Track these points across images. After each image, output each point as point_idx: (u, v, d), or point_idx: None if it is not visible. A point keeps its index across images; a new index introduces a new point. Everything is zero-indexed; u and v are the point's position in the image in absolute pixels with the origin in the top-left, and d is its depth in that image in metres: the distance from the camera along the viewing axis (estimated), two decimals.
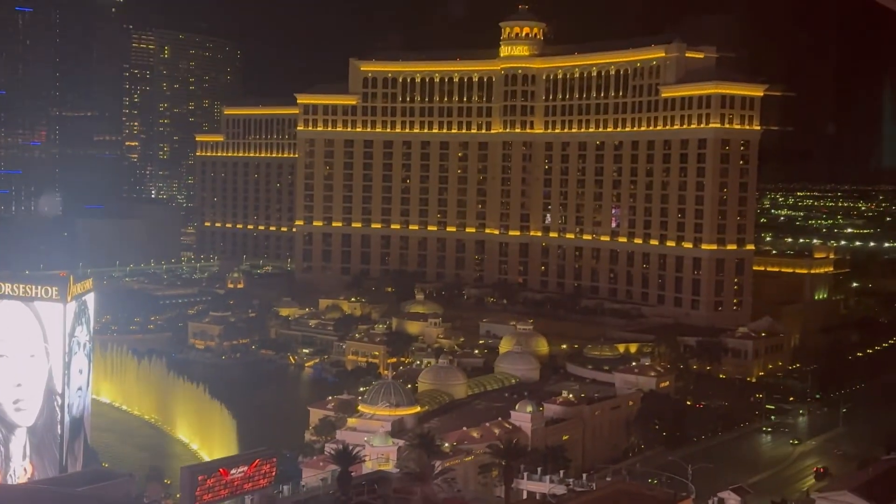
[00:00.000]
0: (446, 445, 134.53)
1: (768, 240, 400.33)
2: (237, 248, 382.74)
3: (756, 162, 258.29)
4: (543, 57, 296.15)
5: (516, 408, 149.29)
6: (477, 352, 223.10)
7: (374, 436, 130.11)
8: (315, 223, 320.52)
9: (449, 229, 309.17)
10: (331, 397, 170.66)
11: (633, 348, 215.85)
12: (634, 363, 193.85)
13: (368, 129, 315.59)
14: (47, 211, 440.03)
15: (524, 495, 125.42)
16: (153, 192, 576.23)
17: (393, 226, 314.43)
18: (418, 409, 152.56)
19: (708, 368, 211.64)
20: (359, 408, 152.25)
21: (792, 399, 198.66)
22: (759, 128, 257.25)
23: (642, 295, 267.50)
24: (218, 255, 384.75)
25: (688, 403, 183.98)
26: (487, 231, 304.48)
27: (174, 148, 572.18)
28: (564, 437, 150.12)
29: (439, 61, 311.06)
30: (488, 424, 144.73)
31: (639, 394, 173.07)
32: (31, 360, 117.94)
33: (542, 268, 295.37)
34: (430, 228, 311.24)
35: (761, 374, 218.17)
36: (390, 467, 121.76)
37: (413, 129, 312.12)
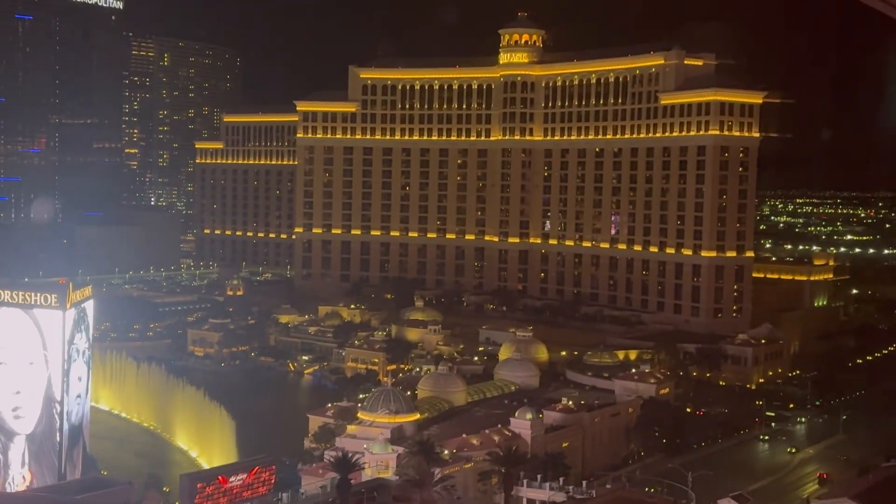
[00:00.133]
0: (446, 452, 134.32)
1: (768, 247, 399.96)
2: (236, 255, 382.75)
3: (755, 169, 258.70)
4: (543, 64, 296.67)
5: (516, 415, 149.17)
6: (476, 359, 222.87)
7: (374, 443, 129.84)
8: (314, 230, 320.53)
9: (448, 236, 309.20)
10: (330, 404, 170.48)
11: (632, 355, 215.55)
12: (634, 370, 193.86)
13: (368, 137, 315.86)
14: (46, 218, 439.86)
15: (524, 503, 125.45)
16: (153, 199, 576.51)
17: (392, 233, 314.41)
18: (418, 416, 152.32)
19: (708, 375, 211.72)
20: (358, 415, 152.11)
21: (792, 406, 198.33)
22: (758, 135, 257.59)
23: (642, 302, 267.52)
24: (217, 263, 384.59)
25: (687, 410, 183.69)
26: (487, 238, 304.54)
27: (174, 155, 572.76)
28: (564, 445, 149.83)
29: (438, 68, 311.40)
30: (488, 431, 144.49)
31: (638, 401, 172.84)
32: (30, 368, 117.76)
33: (542, 275, 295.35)
34: (429, 235, 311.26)
35: (761, 381, 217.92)
36: (390, 475, 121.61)
37: (412, 136, 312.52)
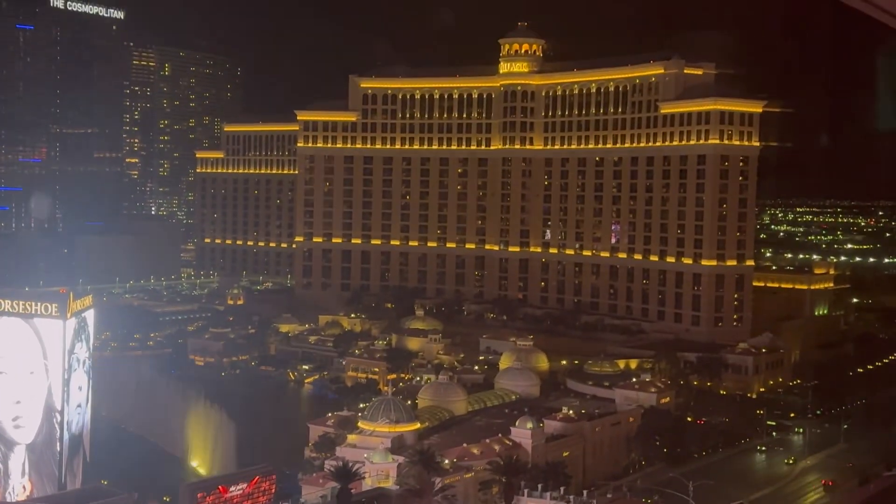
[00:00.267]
0: (446, 462, 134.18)
1: (768, 255, 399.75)
2: (237, 264, 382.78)
3: (755, 178, 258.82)
4: (542, 73, 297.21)
5: (516, 424, 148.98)
6: (477, 368, 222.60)
7: (374, 452, 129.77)
8: (315, 239, 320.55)
9: (449, 245, 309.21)
10: (330, 414, 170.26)
11: (633, 364, 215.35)
12: (635, 379, 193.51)
13: (368, 146, 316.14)
14: (47, 227, 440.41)
15: None
16: (153, 208, 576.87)
17: (393, 242, 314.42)
18: (418, 425, 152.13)
19: (708, 384, 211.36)
20: (359, 424, 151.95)
21: (793, 415, 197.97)
22: (758, 144, 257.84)
23: (642, 311, 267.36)
24: (218, 272, 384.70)
25: (688, 419, 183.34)
26: (487, 247, 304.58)
27: (174, 164, 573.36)
28: (565, 454, 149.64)
29: (439, 78, 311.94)
30: (488, 441, 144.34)
31: (639, 410, 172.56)
32: (31, 377, 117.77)
33: (542, 283, 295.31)
34: (429, 244, 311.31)
35: (762, 389, 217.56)
36: (390, 484, 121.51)
37: (413, 145, 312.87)
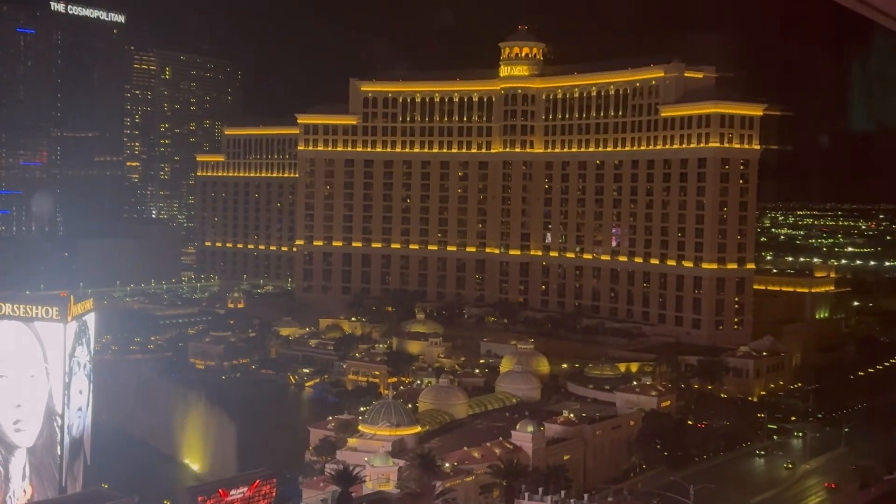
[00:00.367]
0: (447, 465, 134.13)
1: (769, 259, 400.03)
2: (237, 267, 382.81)
3: (756, 181, 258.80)
4: (543, 77, 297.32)
5: (517, 427, 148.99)
6: (477, 371, 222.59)
7: (375, 456, 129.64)
8: (315, 243, 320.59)
9: (449, 248, 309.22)
10: (331, 417, 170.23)
11: (633, 367, 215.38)
12: (635, 382, 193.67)
13: (369, 149, 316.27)
14: (48, 231, 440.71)
15: None
16: (154, 212, 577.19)
17: (393, 245, 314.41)
18: (419, 428, 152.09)
19: (709, 388, 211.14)
20: (359, 428, 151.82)
21: (794, 419, 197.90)
22: (758, 147, 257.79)
23: (643, 314, 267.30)
24: (218, 275, 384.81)
25: (689, 423, 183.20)
26: (488, 250, 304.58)
27: (175, 168, 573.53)
28: (565, 457, 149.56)
29: (439, 81, 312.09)
30: (489, 444, 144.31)
31: (640, 413, 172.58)
32: (32, 381, 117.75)
33: (543, 287, 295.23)
34: (430, 248, 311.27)
35: (762, 393, 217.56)
36: (391, 488, 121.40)
37: (413, 148, 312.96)
